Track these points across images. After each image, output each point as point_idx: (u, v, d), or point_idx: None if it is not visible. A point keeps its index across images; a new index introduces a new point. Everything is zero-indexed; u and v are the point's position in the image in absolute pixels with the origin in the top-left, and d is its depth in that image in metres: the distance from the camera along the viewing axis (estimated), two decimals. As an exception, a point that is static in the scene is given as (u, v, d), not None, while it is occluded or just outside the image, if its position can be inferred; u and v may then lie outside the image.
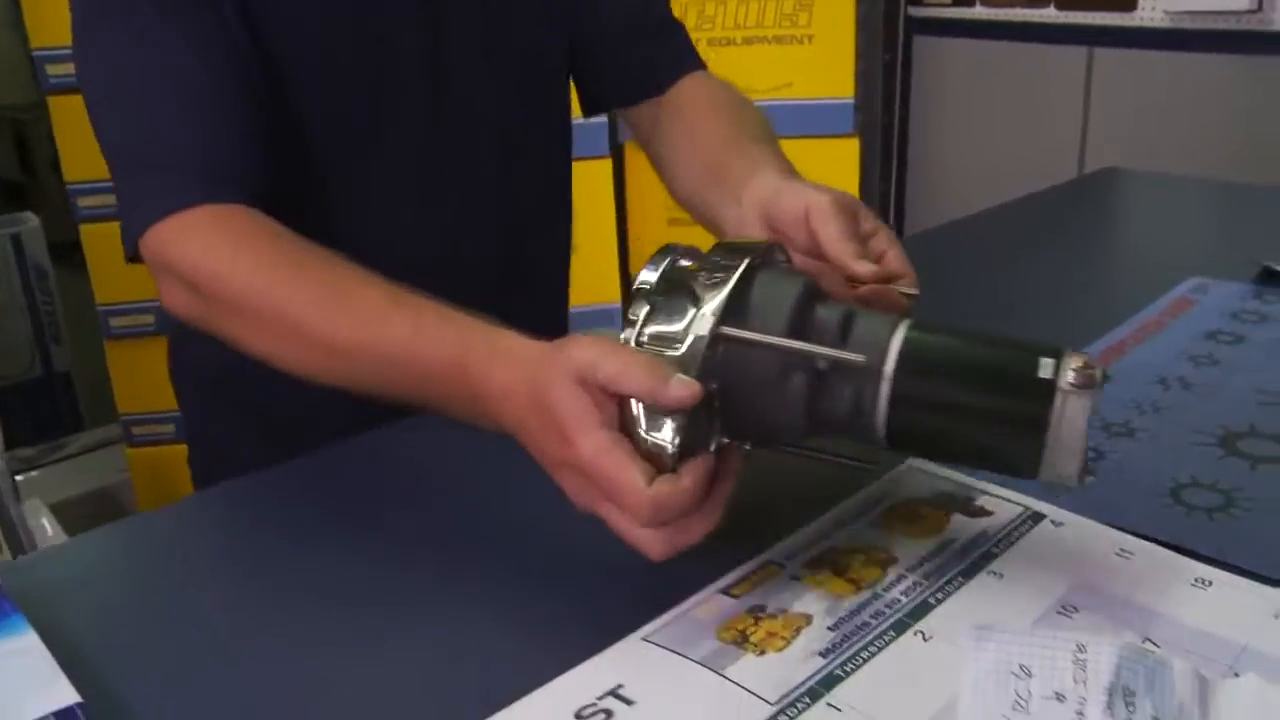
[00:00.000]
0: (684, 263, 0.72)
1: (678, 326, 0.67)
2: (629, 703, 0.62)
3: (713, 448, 0.68)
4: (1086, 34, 2.76)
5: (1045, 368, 0.64)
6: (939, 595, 0.70)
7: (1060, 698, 0.59)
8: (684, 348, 0.66)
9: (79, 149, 2.43)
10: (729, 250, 0.72)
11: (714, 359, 0.67)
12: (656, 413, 0.64)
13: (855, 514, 0.80)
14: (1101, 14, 2.71)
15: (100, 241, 2.52)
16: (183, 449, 1.24)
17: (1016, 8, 2.87)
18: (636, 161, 2.85)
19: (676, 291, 0.69)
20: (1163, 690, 0.60)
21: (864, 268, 0.80)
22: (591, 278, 2.73)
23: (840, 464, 0.77)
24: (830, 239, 0.82)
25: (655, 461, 0.64)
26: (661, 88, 1.19)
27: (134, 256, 0.91)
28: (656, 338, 0.68)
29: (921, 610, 0.69)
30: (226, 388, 1.11)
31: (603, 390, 0.65)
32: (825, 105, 2.87)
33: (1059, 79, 2.82)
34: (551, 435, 0.67)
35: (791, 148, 3.09)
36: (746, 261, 0.70)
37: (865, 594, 0.71)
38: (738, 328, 0.68)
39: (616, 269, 2.93)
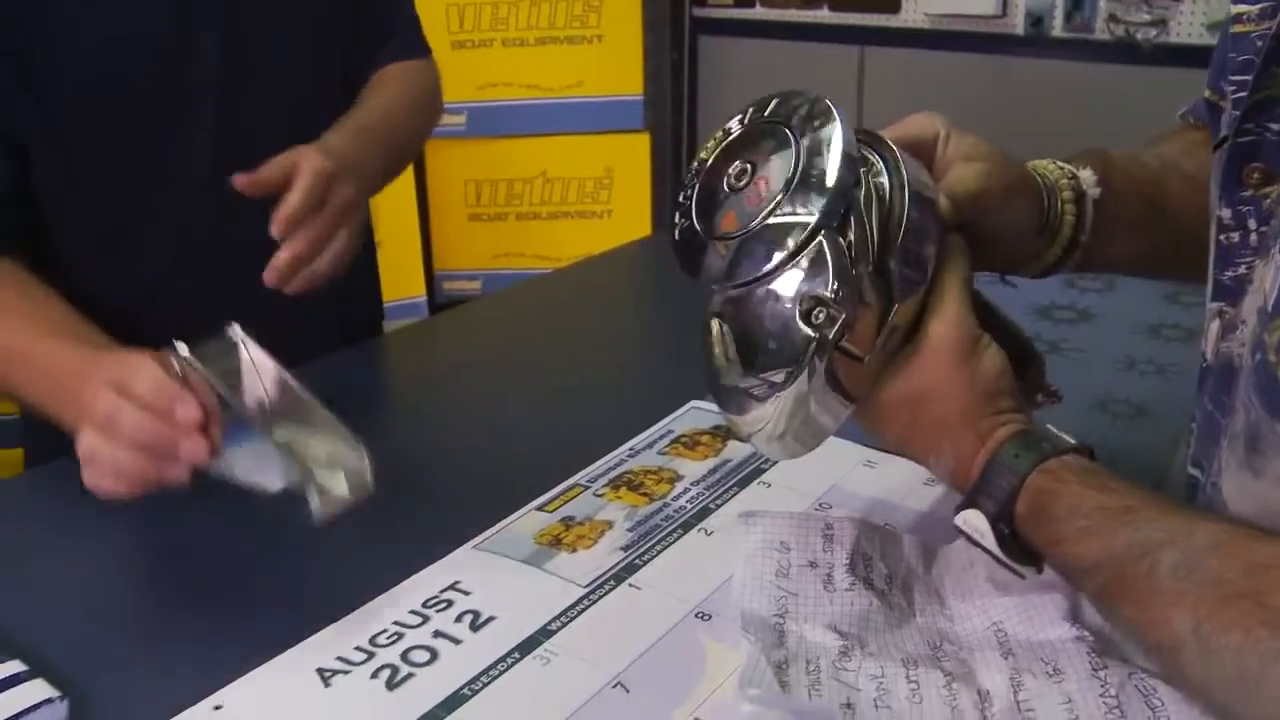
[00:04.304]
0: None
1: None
2: (466, 593, 0.74)
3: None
4: (857, 34, 2.98)
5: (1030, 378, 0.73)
6: (718, 501, 0.85)
7: (813, 565, 0.73)
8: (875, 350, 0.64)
9: None
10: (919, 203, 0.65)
11: None
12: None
13: (646, 444, 0.94)
14: (870, 15, 2.94)
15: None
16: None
17: (793, 9, 3.07)
18: (437, 158, 2.95)
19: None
20: (893, 554, 0.75)
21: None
22: (396, 272, 2.81)
23: None
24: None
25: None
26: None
27: None
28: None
29: (704, 513, 0.83)
30: None
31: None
32: (616, 102, 3.02)
33: (834, 75, 3.03)
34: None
35: (586, 143, 3.18)
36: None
37: (657, 504, 0.85)
38: None
39: (420, 264, 3.02)
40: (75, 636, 0.72)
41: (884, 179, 0.65)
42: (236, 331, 0.77)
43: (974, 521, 0.64)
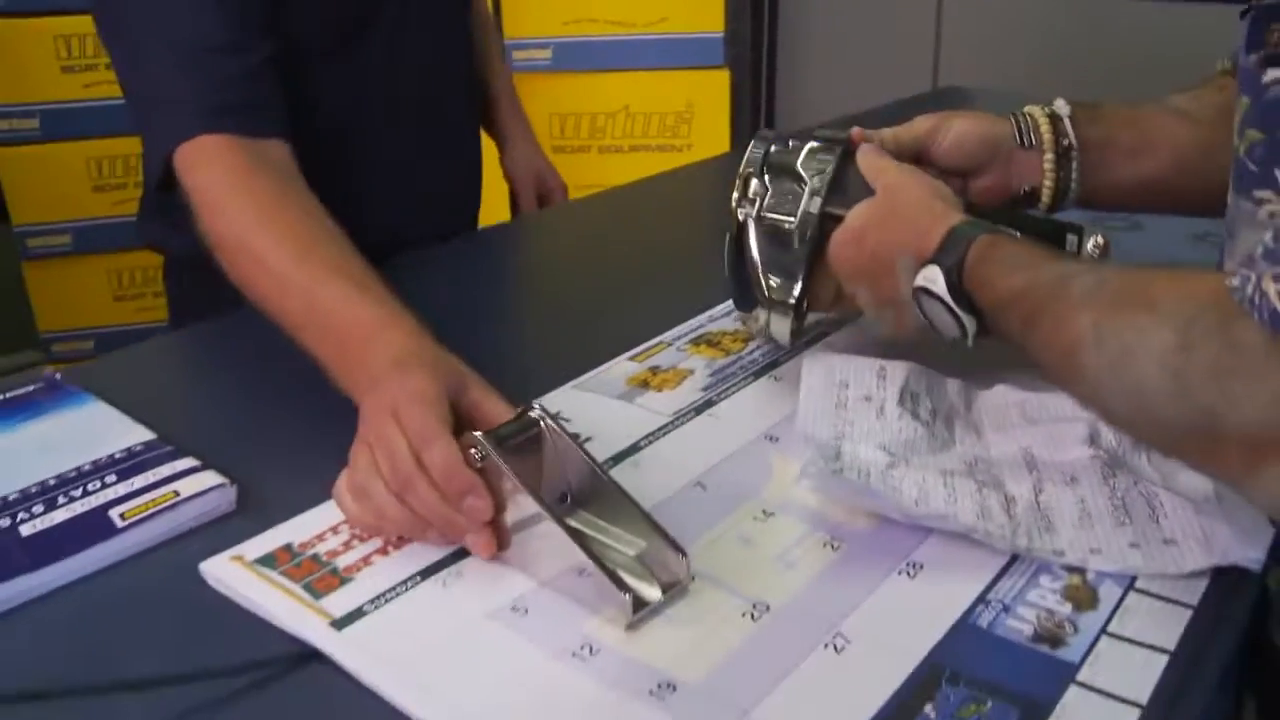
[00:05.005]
0: (775, 147, 0.90)
1: (790, 204, 0.87)
2: (567, 420, 0.86)
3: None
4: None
5: (1070, 243, 0.86)
6: (787, 356, 0.96)
7: (868, 399, 0.84)
8: (796, 221, 0.87)
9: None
10: (824, 141, 0.90)
11: (817, 231, 0.86)
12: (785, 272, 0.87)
13: (724, 313, 1.05)
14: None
15: (13, 164, 2.64)
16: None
17: (873, -55, 3.13)
18: (522, 92, 3.05)
19: (783, 175, 0.89)
20: (938, 394, 0.86)
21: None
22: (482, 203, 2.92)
23: None
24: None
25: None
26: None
27: (161, 184, 1.00)
28: (773, 209, 0.88)
29: (774, 364, 0.95)
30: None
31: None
32: (697, 39, 3.10)
33: (912, 13, 3.07)
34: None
35: (667, 79, 3.25)
36: (842, 150, 0.88)
37: (733, 357, 0.97)
38: (837, 207, 0.86)
39: (506, 196, 3.13)
40: (239, 443, 0.85)
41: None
42: (539, 413, 0.76)
43: (929, 274, 0.77)
